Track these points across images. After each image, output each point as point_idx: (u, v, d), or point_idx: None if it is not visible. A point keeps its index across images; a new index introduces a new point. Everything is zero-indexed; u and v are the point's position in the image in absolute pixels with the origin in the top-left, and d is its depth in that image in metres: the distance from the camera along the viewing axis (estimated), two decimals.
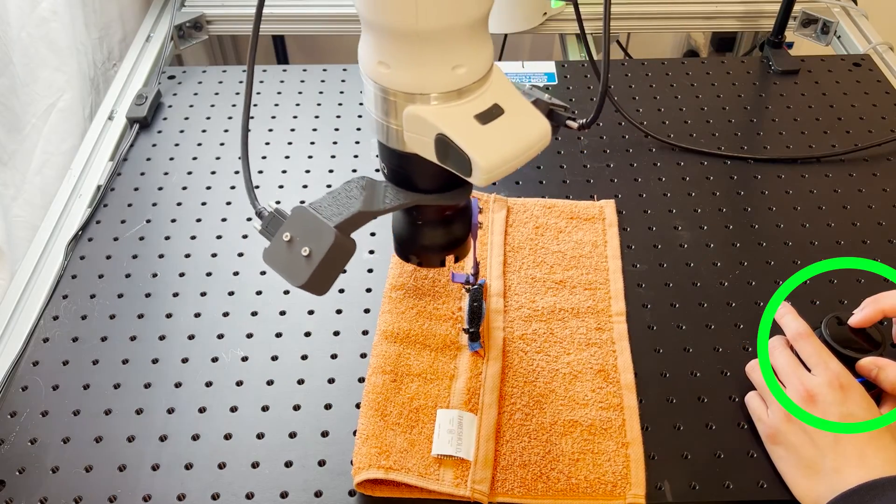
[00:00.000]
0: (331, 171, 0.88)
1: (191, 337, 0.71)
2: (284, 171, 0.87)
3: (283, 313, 0.72)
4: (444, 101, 0.44)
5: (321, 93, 0.99)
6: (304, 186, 0.85)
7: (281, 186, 0.85)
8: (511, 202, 0.81)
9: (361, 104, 0.96)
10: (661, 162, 0.88)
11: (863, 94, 0.96)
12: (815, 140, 0.90)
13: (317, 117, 0.95)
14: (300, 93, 0.99)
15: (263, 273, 0.76)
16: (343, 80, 1.00)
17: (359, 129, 0.93)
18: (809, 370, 0.59)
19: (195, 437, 0.63)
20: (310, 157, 0.90)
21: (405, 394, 0.64)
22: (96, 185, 0.86)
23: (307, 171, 0.88)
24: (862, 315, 0.61)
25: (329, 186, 0.85)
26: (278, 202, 0.52)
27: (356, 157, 0.89)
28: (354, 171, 0.87)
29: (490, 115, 0.45)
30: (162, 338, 0.70)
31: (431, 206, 0.53)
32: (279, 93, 0.98)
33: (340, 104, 0.97)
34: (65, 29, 0.91)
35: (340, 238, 0.46)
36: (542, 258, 0.76)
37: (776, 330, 0.64)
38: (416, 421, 0.62)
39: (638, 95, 0.97)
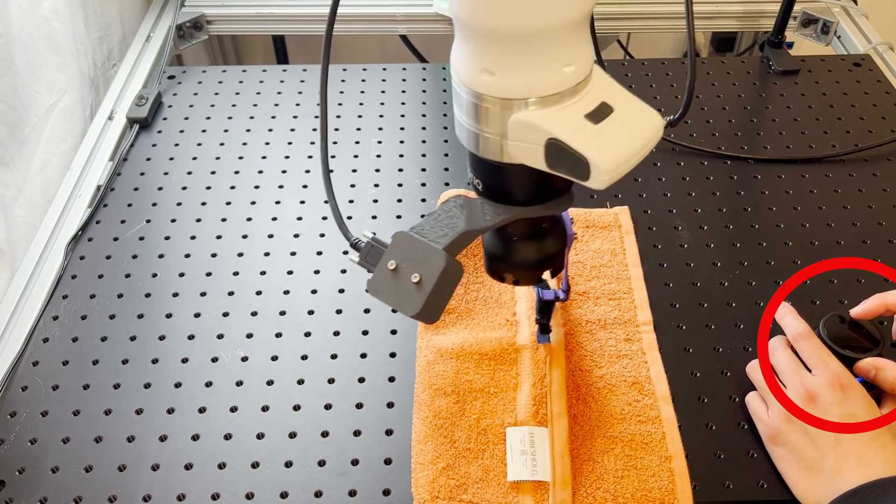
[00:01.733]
0: (331, 171, 0.87)
1: (191, 337, 0.71)
2: (284, 172, 0.87)
3: (283, 313, 0.72)
4: (552, 103, 0.42)
5: None
6: (305, 186, 0.85)
7: (281, 186, 0.85)
8: None
9: (361, 104, 0.97)
10: (661, 162, 0.88)
11: (863, 94, 0.96)
12: (815, 140, 0.90)
13: (317, 117, 0.95)
14: (300, 93, 0.99)
15: (263, 273, 0.76)
16: (343, 80, 1.00)
17: (359, 130, 0.93)
18: (810, 370, 0.59)
19: (195, 437, 0.63)
20: (310, 157, 0.89)
21: (471, 414, 0.63)
22: (96, 185, 0.86)
23: (307, 171, 0.87)
24: (865, 307, 0.61)
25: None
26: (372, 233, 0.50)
27: (356, 157, 0.89)
28: (354, 171, 0.87)
29: (601, 113, 0.42)
30: (162, 338, 0.70)
31: (527, 220, 0.50)
32: (279, 93, 0.98)
33: (340, 104, 0.97)
34: (65, 29, 0.91)
35: (451, 261, 0.44)
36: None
37: (776, 330, 0.64)
38: (486, 444, 0.61)
39: (638, 95, 0.97)
